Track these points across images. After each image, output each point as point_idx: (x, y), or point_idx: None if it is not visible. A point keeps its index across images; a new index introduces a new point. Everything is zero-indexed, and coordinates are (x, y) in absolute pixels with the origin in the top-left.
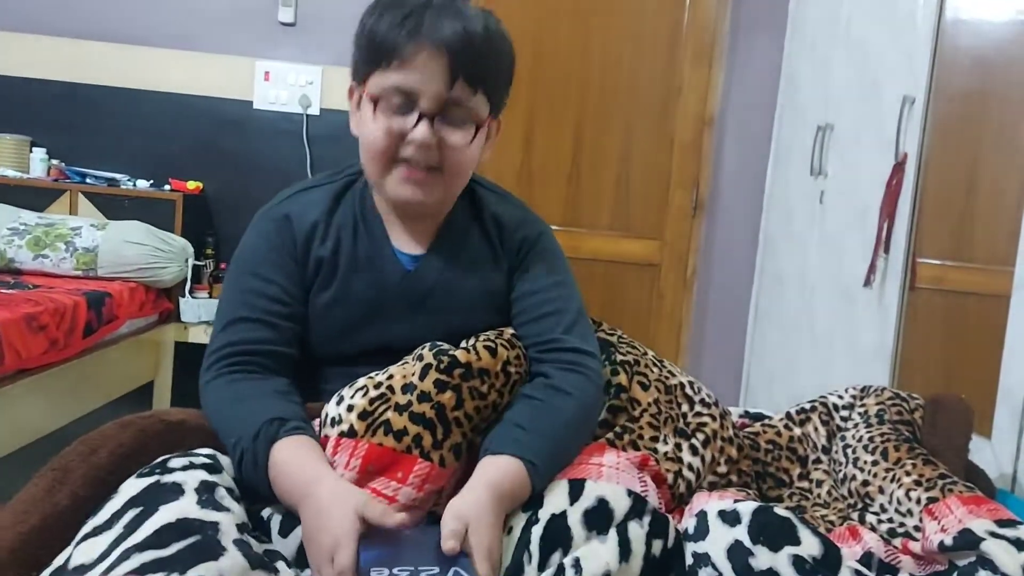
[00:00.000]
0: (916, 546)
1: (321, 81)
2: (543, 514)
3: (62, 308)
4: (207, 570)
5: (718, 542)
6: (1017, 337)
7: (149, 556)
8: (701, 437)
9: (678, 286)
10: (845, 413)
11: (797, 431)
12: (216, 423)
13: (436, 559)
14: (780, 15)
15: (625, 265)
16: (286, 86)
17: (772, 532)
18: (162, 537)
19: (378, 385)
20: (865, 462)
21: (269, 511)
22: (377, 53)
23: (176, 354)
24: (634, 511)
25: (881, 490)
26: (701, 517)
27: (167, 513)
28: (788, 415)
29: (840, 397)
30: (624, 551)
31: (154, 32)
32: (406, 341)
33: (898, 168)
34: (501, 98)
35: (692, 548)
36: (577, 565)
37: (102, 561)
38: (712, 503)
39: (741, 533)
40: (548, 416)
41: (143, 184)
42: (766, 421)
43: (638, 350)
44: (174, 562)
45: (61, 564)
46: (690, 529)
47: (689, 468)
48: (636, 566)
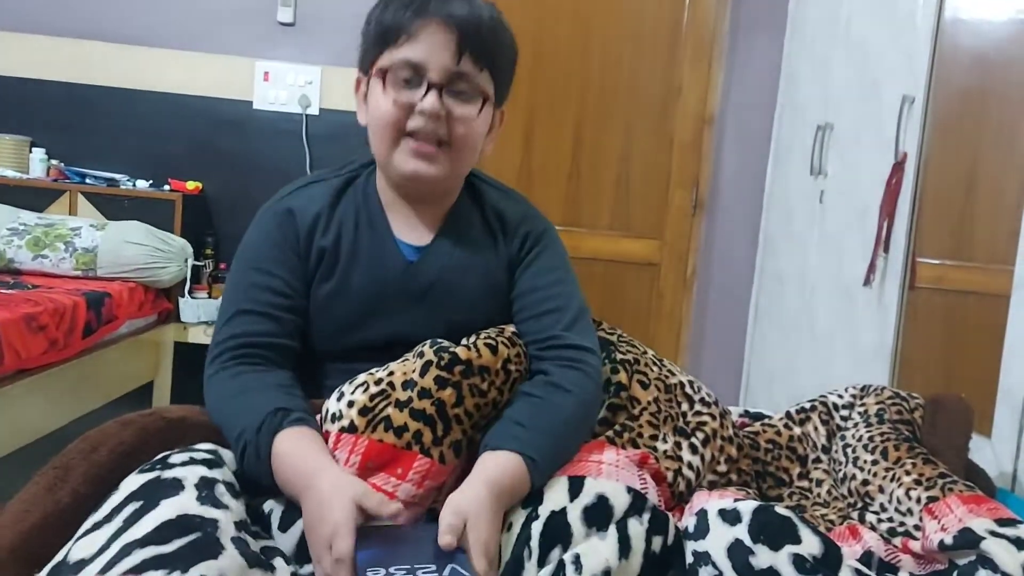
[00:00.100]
0: (916, 545)
1: (320, 81)
2: (543, 510)
3: (62, 308)
4: (208, 569)
5: (718, 541)
6: (1017, 336)
7: (150, 552)
8: (701, 436)
9: (678, 286)
10: (845, 412)
11: (797, 430)
12: (219, 415)
13: (433, 556)
14: (780, 15)
15: (625, 265)
16: (285, 86)
17: (772, 531)
18: (162, 533)
19: (379, 381)
20: (865, 461)
21: (270, 506)
22: (385, 35)
23: (176, 354)
24: (634, 508)
25: (881, 489)
26: (701, 516)
27: (167, 509)
28: (788, 414)
29: (840, 396)
30: (624, 548)
31: (153, 32)
32: (407, 335)
33: (898, 167)
34: (504, 86)
35: (692, 547)
36: (577, 562)
37: (101, 555)
38: (712, 502)
39: (741, 532)
40: (547, 413)
41: (142, 184)
42: (766, 420)
43: (638, 349)
44: (175, 560)
45: (61, 559)
46: (690, 528)
47: (689, 467)
48: (636, 563)
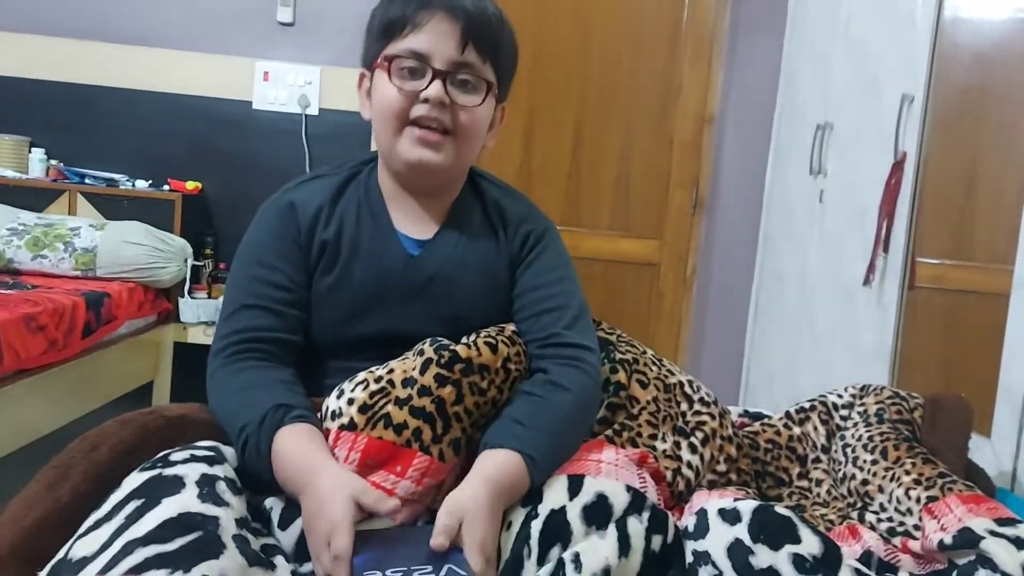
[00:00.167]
0: (916, 545)
1: (320, 81)
2: (542, 509)
3: (61, 308)
4: (210, 569)
5: (718, 540)
6: (1016, 336)
7: (152, 551)
8: (700, 435)
9: (678, 285)
10: (844, 412)
11: (796, 430)
12: (222, 411)
13: (431, 557)
14: (780, 14)
15: (625, 264)
16: (285, 86)
17: (772, 531)
18: (164, 531)
19: (378, 379)
20: (864, 461)
21: (271, 503)
22: (390, 27)
23: (175, 354)
24: (633, 507)
25: (881, 489)
26: (701, 515)
27: (169, 506)
28: (787, 414)
29: (839, 396)
30: (623, 546)
31: (153, 32)
32: (406, 329)
33: (897, 167)
34: (506, 82)
35: (692, 546)
36: (577, 560)
37: (103, 552)
38: (712, 502)
39: (741, 531)
40: (546, 411)
41: (142, 184)
42: (765, 420)
43: (637, 349)
44: (177, 559)
45: (62, 557)
46: (690, 527)
47: (688, 466)
48: (636, 561)
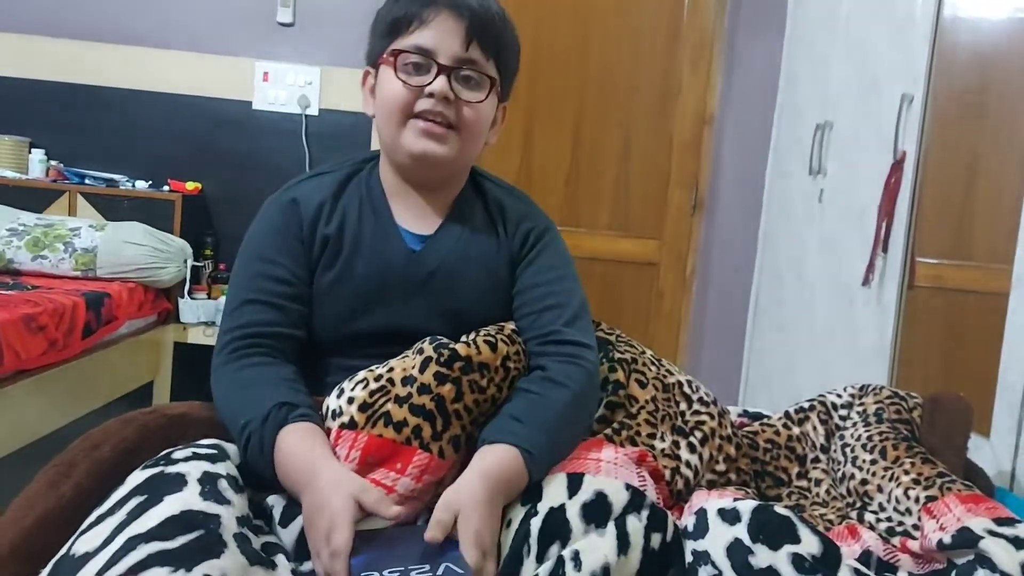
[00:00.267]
0: (915, 545)
1: (320, 81)
2: (542, 507)
3: (61, 309)
4: (211, 569)
5: (718, 540)
6: (1015, 335)
7: (154, 548)
8: (699, 435)
9: (677, 285)
10: (844, 412)
11: (796, 430)
12: (225, 407)
13: (427, 557)
14: (779, 14)
15: (624, 264)
16: (285, 86)
17: (772, 530)
18: (166, 529)
19: (378, 378)
20: (864, 461)
21: (272, 500)
22: (396, 24)
23: (175, 355)
24: (632, 505)
25: (880, 489)
26: (700, 515)
27: (171, 504)
28: (787, 414)
29: (839, 396)
30: (623, 544)
31: (153, 33)
32: (407, 325)
33: (897, 167)
34: (509, 81)
35: (692, 546)
36: (576, 558)
37: (105, 548)
38: (711, 501)
39: (741, 531)
40: (544, 408)
41: (142, 185)
42: (765, 420)
43: (636, 348)
44: (179, 558)
45: (65, 553)
46: (690, 527)
47: (687, 465)
48: (635, 559)
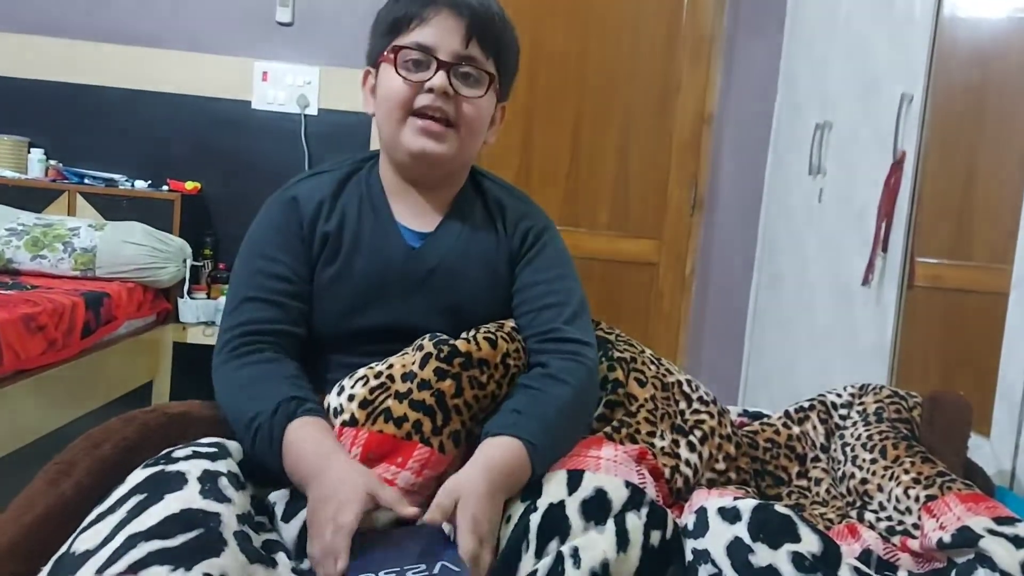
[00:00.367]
0: (915, 544)
1: (319, 81)
2: (541, 503)
3: (60, 308)
4: (211, 567)
5: (718, 539)
6: (1015, 335)
7: (155, 546)
8: (699, 434)
9: (677, 285)
10: (844, 411)
11: (796, 429)
12: (230, 402)
13: (423, 556)
14: (778, 13)
15: (624, 264)
16: (284, 86)
17: (772, 529)
18: (166, 527)
19: (378, 375)
20: (864, 460)
21: (275, 497)
22: (397, 23)
23: (175, 355)
24: (632, 502)
25: (880, 488)
26: (701, 514)
27: (171, 502)
28: (787, 413)
29: (839, 395)
30: (622, 541)
31: (152, 33)
32: (407, 322)
33: (896, 166)
34: (508, 80)
35: (692, 544)
36: (575, 555)
37: (105, 545)
38: (712, 500)
39: (741, 530)
40: (545, 403)
41: (141, 184)
42: (764, 420)
43: (635, 348)
44: (180, 556)
45: (65, 551)
46: (690, 525)
47: (686, 464)
48: (634, 556)
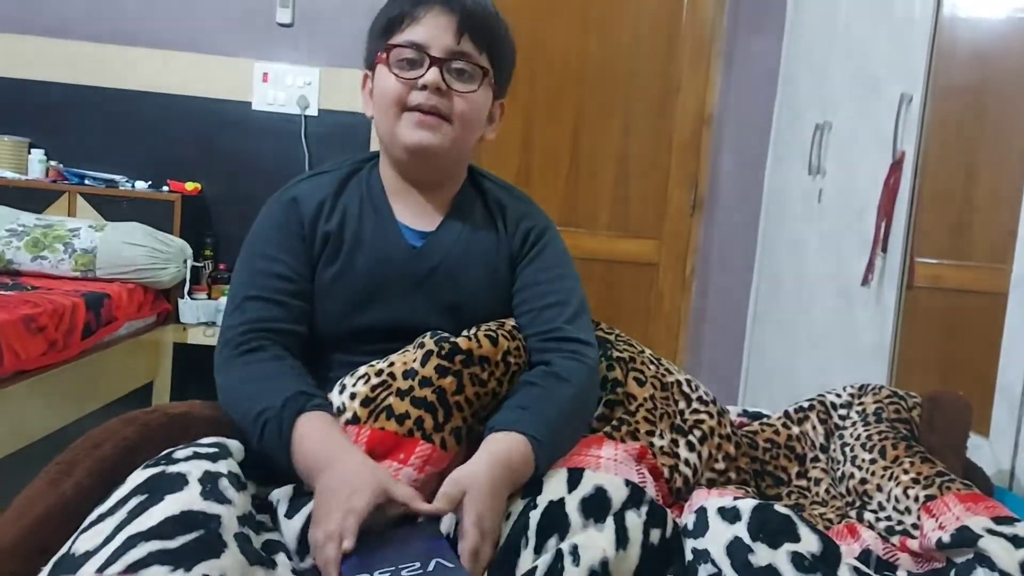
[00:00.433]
0: (914, 544)
1: (319, 82)
2: (541, 500)
3: (61, 309)
4: (210, 569)
5: (718, 539)
6: (1014, 335)
7: (155, 546)
8: (698, 434)
9: (676, 285)
10: (843, 412)
11: (795, 430)
12: (236, 397)
13: (417, 554)
14: (778, 14)
15: (623, 265)
16: (284, 87)
17: (772, 529)
18: (166, 528)
19: (379, 372)
20: (863, 460)
21: (277, 495)
22: (390, 24)
23: (175, 355)
24: (631, 500)
25: (879, 488)
26: (701, 513)
27: (171, 504)
28: (786, 414)
29: (838, 396)
30: (621, 539)
31: (152, 33)
32: (409, 321)
33: (896, 167)
34: (504, 76)
35: (692, 544)
36: (575, 553)
37: (105, 546)
38: (712, 500)
39: (741, 530)
40: (549, 400)
41: (141, 185)
42: (764, 420)
43: (635, 348)
44: (179, 557)
45: (66, 552)
46: (690, 525)
47: (686, 463)
48: (634, 554)
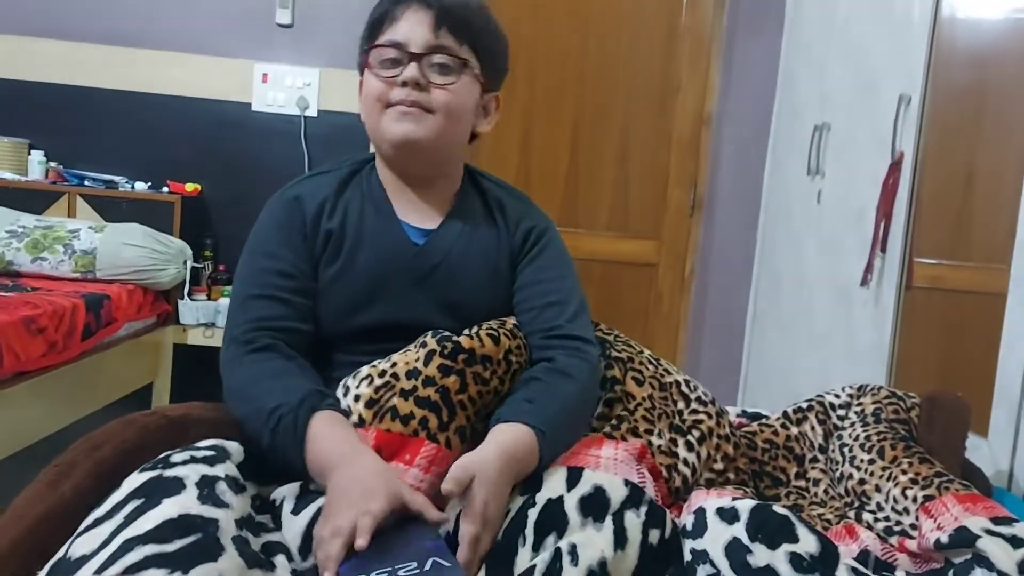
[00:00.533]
0: (913, 544)
1: (319, 83)
2: (540, 498)
3: (61, 310)
4: (208, 571)
5: (716, 539)
6: (1013, 335)
7: (151, 550)
8: (697, 434)
9: (676, 286)
10: (842, 412)
11: (794, 430)
12: (247, 394)
13: (414, 554)
14: (777, 15)
15: (623, 265)
16: (284, 88)
17: (770, 530)
18: (163, 532)
19: (382, 373)
20: (862, 461)
21: (280, 494)
22: (374, 26)
23: (175, 356)
24: (631, 500)
25: (878, 488)
26: (699, 514)
27: (168, 507)
28: (785, 414)
29: (837, 396)
30: (619, 539)
31: (152, 34)
32: (411, 318)
33: (894, 167)
34: (494, 68)
35: (690, 545)
36: (573, 552)
37: (102, 550)
38: (710, 500)
39: (739, 531)
40: (553, 395)
41: (141, 186)
42: (763, 420)
43: (633, 348)
44: (176, 560)
45: (62, 556)
46: (688, 526)
47: (684, 463)
48: (632, 554)
